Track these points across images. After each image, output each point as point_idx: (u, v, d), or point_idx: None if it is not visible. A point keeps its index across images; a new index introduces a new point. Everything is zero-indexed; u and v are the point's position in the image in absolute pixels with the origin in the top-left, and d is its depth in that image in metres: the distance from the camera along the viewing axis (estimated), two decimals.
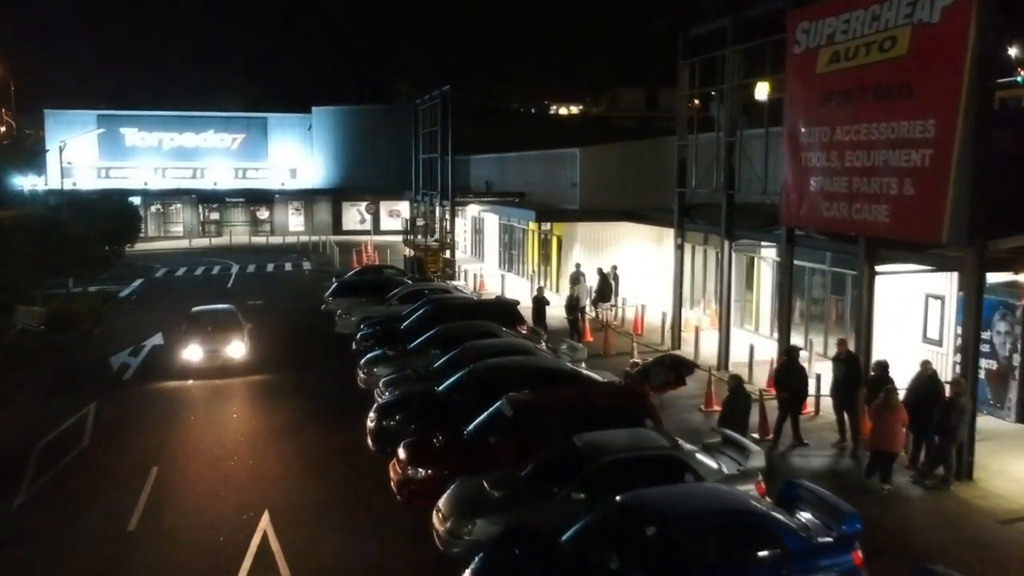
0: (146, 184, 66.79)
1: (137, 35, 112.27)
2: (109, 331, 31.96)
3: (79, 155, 65.65)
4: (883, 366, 16.46)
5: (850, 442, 17.09)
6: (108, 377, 24.86)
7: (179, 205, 69.60)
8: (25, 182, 69.72)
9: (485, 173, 50.01)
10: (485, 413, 15.80)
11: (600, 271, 31.01)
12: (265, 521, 14.51)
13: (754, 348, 22.49)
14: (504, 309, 25.51)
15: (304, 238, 64.92)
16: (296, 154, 69.47)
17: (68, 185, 63.50)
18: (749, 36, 22.14)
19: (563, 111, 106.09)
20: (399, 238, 62.33)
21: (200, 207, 69.79)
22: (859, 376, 17.00)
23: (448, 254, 40.84)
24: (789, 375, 17.28)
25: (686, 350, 25.90)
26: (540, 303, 27.25)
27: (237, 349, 24.68)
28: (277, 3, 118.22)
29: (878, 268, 17.85)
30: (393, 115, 67.30)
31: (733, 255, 23.62)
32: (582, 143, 41.34)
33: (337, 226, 69.15)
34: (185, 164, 68.13)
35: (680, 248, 26.17)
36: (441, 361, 20.56)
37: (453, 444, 15.17)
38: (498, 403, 15.78)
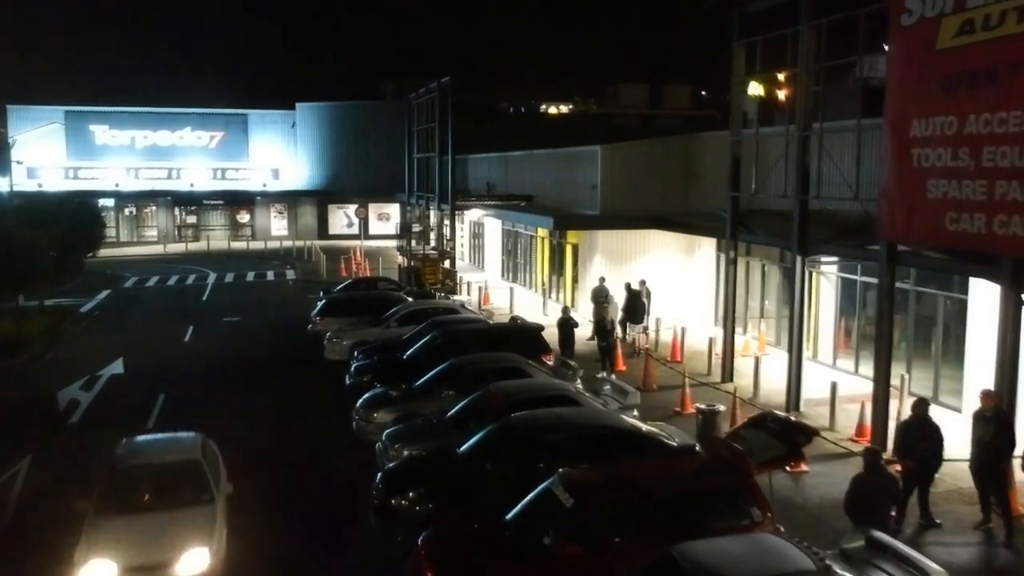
0: (117, 185, 62.35)
1: (110, 28, 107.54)
2: (63, 356, 27.73)
3: (45, 154, 61.30)
4: None
5: (1000, 525, 13.17)
6: (52, 419, 20.65)
7: (153, 208, 65.12)
8: None
9: (485, 174, 45.99)
10: (531, 496, 11.79)
11: (628, 287, 27.02)
12: None
13: (837, 385, 18.51)
14: (527, 335, 21.50)
15: (287, 243, 60.74)
16: (279, 153, 65.16)
17: (33, 186, 59.36)
18: (829, 7, 18.19)
19: (552, 110, 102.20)
20: (389, 243, 58.34)
21: (176, 210, 65.40)
22: (1012, 440, 13.13)
23: (448, 264, 36.75)
24: (917, 437, 13.34)
25: (741, 384, 21.99)
26: (568, 327, 23.21)
27: (197, 561, 11.31)
28: None
29: None
30: (383, 111, 63.23)
31: (806, 273, 19.56)
32: (581, 142, 37.50)
33: (323, 230, 64.98)
34: (160, 164, 63.69)
35: (734, 263, 22.20)
36: (458, 408, 16.55)
37: (493, 545, 11.15)
38: (548, 482, 11.79)
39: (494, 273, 42.37)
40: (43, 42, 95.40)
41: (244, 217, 66.23)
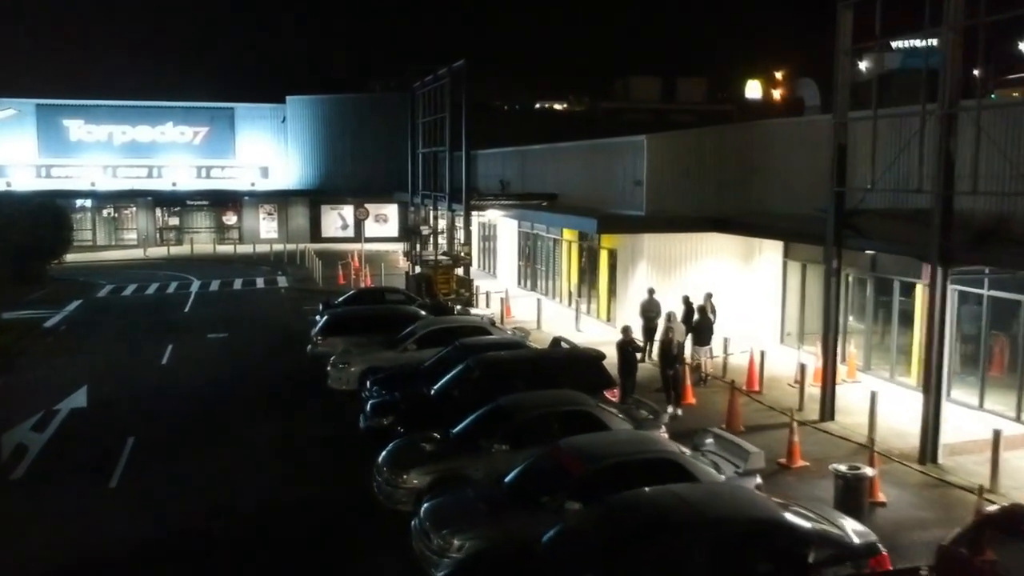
0: (94, 185, 57.68)
1: (85, 15, 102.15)
2: (16, 383, 23.41)
3: (15, 151, 56.75)
4: None
5: None
6: None
7: (133, 209, 60.50)
8: None
9: (496, 171, 41.77)
10: None
11: (687, 300, 22.95)
12: None
13: (1000, 433, 14.39)
14: (586, 365, 17.34)
15: (278, 247, 56.32)
16: (268, 150, 60.70)
17: (2, 186, 54.89)
18: None
19: (553, 107, 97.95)
20: (386, 247, 54.19)
21: (157, 211, 60.79)
22: None
23: (462, 271, 32.61)
24: None
25: (846, 422, 17.94)
26: (629, 351, 19.02)
27: None
28: None
29: None
30: (381, 104, 58.95)
31: (947, 290, 15.46)
32: (582, 138, 33.95)
33: (315, 232, 60.58)
34: (140, 161, 59.08)
35: (838, 273, 18.08)
36: (519, 473, 12.52)
37: None
38: None
39: (509, 280, 38.20)
40: (11, 29, 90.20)
41: (231, 219, 61.69)
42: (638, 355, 19.62)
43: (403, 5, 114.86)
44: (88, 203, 59.47)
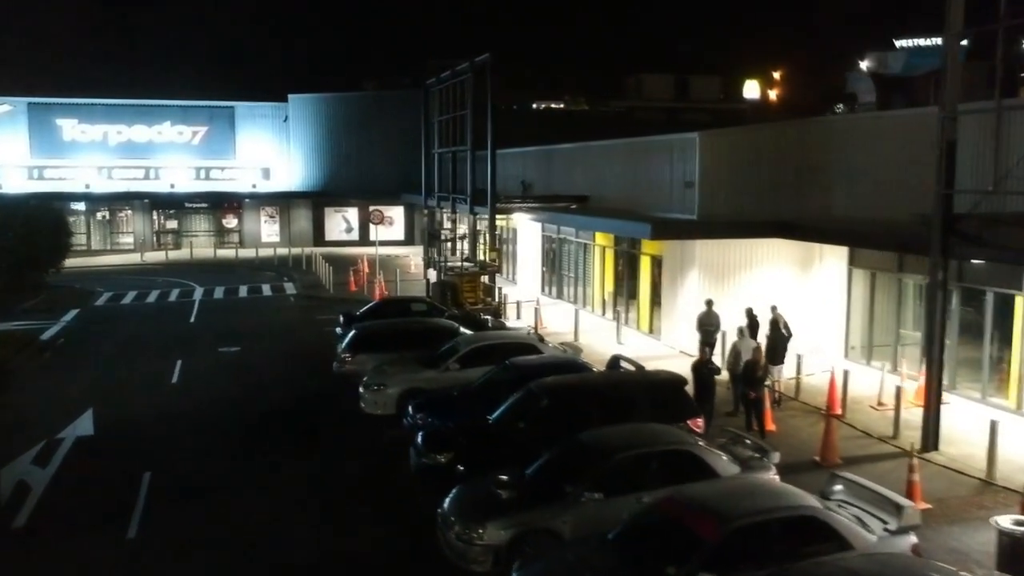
0: (88, 187, 55.33)
1: (78, 10, 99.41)
2: (15, 404, 21.20)
3: (6, 152, 54.40)
4: None
5: None
6: None
7: (129, 212, 58.25)
8: None
9: (514, 171, 39.72)
10: None
11: (750, 313, 20.97)
12: None
13: None
14: (666, 391, 15.28)
15: (281, 251, 54.18)
16: (270, 150, 58.43)
17: None
18: None
19: (554, 107, 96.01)
20: (394, 250, 52.21)
21: (155, 214, 58.59)
22: None
23: (487, 279, 30.52)
24: None
25: (952, 452, 15.97)
26: (706, 372, 17.00)
27: None
28: None
29: None
30: (387, 103, 56.80)
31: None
32: (593, 138, 32.45)
33: (319, 236, 58.43)
34: (136, 162, 56.74)
35: (943, 287, 16.08)
36: (624, 530, 10.50)
37: None
38: None
39: (531, 287, 36.15)
40: (1, 25, 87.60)
41: (231, 222, 59.45)
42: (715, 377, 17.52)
43: (402, 5, 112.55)
44: (82, 206, 57.30)
